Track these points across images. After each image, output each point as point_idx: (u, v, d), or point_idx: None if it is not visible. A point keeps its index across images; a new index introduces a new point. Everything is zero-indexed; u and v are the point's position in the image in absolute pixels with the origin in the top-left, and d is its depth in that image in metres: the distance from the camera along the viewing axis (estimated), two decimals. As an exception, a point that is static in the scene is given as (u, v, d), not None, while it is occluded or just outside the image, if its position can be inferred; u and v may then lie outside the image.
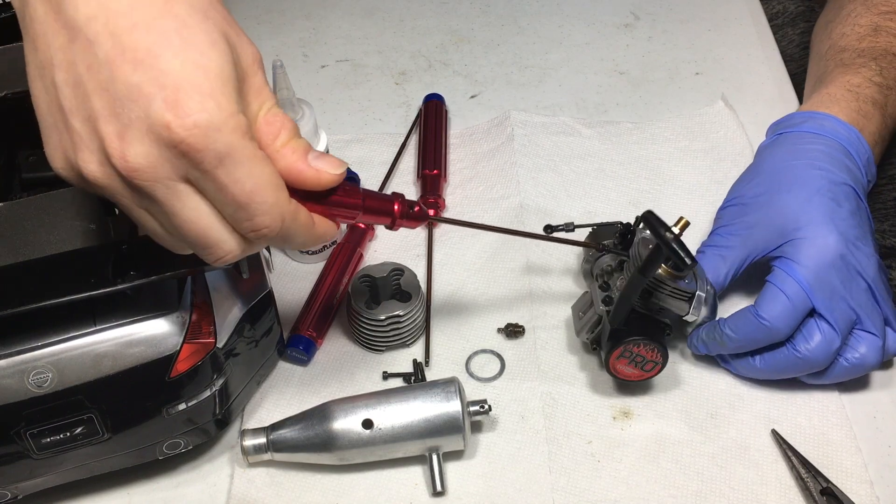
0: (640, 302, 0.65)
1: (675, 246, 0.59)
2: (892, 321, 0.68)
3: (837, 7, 0.89)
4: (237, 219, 0.47)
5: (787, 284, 0.66)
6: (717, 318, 0.69)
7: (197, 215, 0.46)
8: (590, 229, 0.74)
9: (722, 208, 0.75)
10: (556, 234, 0.72)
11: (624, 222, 0.71)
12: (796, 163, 0.72)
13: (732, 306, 0.72)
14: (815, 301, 0.65)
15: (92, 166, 0.45)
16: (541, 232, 0.74)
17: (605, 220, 0.74)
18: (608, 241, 0.71)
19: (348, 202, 0.54)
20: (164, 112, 0.43)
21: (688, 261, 0.59)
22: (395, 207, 0.58)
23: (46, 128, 0.46)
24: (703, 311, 0.67)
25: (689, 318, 0.66)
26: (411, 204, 0.59)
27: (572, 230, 0.72)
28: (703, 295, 0.66)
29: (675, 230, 0.68)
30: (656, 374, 0.68)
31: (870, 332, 0.66)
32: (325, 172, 0.50)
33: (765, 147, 0.77)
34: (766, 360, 0.68)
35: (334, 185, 0.51)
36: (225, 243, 0.48)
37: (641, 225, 0.65)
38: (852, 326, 0.66)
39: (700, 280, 0.66)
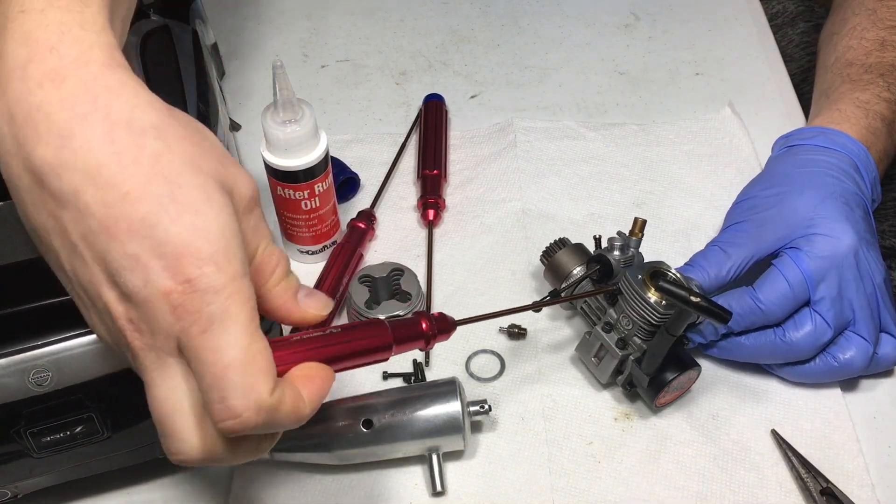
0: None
1: (709, 306, 0.58)
2: (892, 328, 0.68)
3: (842, 19, 0.89)
4: (209, 399, 0.42)
5: (791, 271, 0.66)
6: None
7: (169, 394, 0.43)
8: (566, 290, 0.73)
9: (732, 208, 0.75)
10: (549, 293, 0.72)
11: (596, 266, 0.69)
12: (809, 169, 0.73)
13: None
14: (813, 293, 0.66)
15: (98, 328, 0.45)
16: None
17: (607, 226, 0.73)
18: (587, 267, 0.71)
19: (380, 344, 0.52)
20: (164, 280, 0.41)
21: (725, 315, 0.59)
22: (424, 326, 0.55)
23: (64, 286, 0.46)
24: None
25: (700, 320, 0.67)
26: (437, 319, 0.56)
27: (558, 294, 0.72)
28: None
29: (636, 231, 0.68)
30: (693, 384, 0.69)
31: (861, 337, 0.66)
32: (312, 311, 0.49)
33: (776, 157, 0.78)
34: (751, 340, 0.68)
35: (320, 321, 0.50)
36: (185, 436, 0.44)
37: (641, 276, 0.64)
38: (846, 326, 0.67)
39: (690, 284, 0.66)
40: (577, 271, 0.72)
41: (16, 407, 0.55)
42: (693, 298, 0.59)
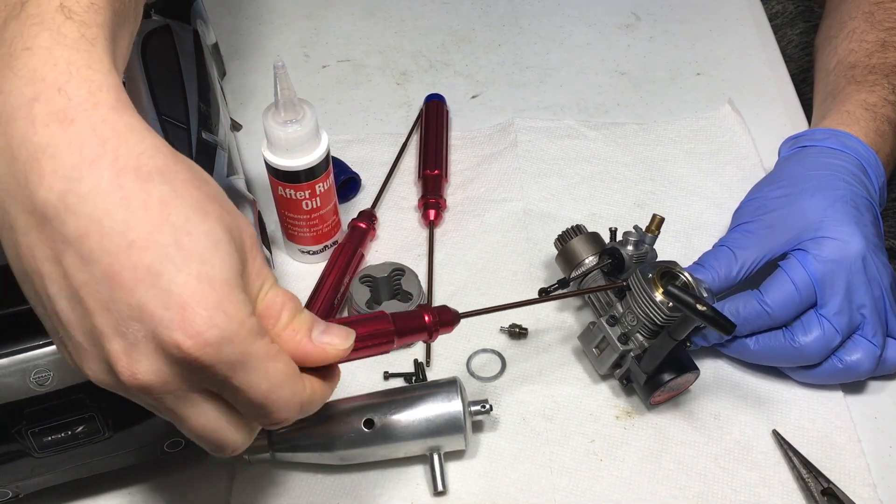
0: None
1: (714, 316, 0.58)
2: None
3: (839, 23, 0.89)
4: (255, 416, 0.46)
5: (798, 274, 0.66)
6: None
7: (206, 420, 0.45)
8: (578, 281, 0.73)
9: (741, 207, 0.75)
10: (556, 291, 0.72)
11: (608, 259, 0.69)
12: (820, 172, 0.72)
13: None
14: (820, 296, 0.66)
15: (99, 375, 0.44)
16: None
17: (607, 226, 0.73)
18: (599, 259, 0.71)
19: (380, 340, 0.53)
20: (173, 332, 0.40)
21: (729, 327, 0.59)
22: (427, 319, 0.55)
23: (47, 329, 0.45)
24: None
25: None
26: (440, 312, 0.56)
27: (567, 285, 0.72)
28: (706, 297, 0.65)
29: (652, 228, 0.68)
30: (691, 385, 0.69)
31: (868, 340, 0.66)
32: (329, 347, 0.48)
33: (786, 157, 0.77)
34: (760, 343, 0.68)
35: (340, 358, 0.49)
36: (234, 441, 0.47)
37: (650, 274, 0.64)
38: (854, 330, 0.66)
39: (700, 288, 0.66)
40: (590, 260, 0.72)
41: (17, 407, 0.55)
42: (700, 307, 0.58)
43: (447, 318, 0.56)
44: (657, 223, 0.69)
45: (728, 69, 0.99)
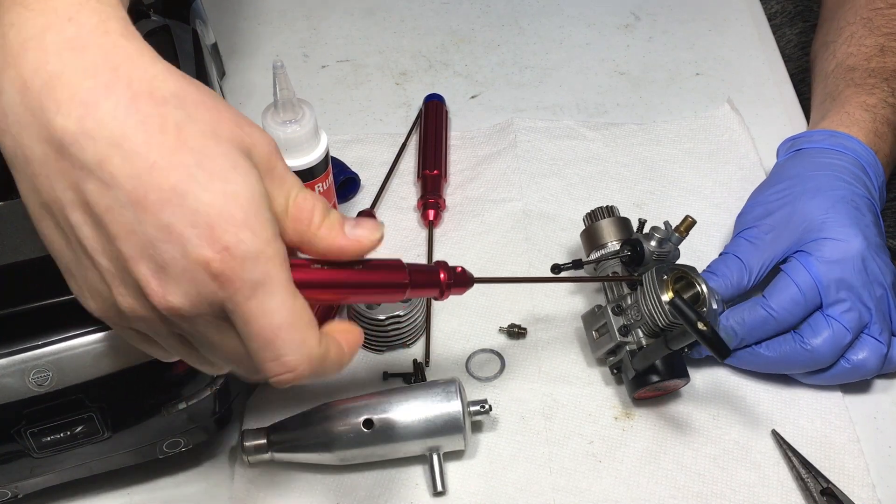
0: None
1: (712, 339, 0.58)
2: None
3: (836, 28, 0.89)
4: (261, 358, 0.44)
5: (800, 276, 0.66)
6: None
7: (236, 345, 0.45)
8: (594, 265, 0.72)
9: (743, 213, 0.75)
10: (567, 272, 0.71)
11: (626, 252, 0.69)
12: (820, 173, 0.72)
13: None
14: (825, 297, 0.66)
15: (128, 301, 0.44)
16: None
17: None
18: (614, 249, 0.71)
19: (395, 280, 0.53)
20: (202, 249, 0.41)
21: (724, 352, 0.58)
22: (442, 276, 0.55)
23: (67, 265, 0.45)
24: (720, 321, 0.67)
25: None
26: (454, 271, 0.56)
27: (581, 267, 0.71)
28: (717, 308, 0.65)
29: (681, 229, 0.68)
30: (679, 388, 0.69)
31: (874, 338, 0.66)
32: (365, 239, 0.49)
33: (787, 160, 0.77)
34: (772, 348, 0.67)
35: (374, 249, 0.50)
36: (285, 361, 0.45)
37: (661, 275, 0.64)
38: (862, 328, 0.67)
39: (712, 299, 0.65)
40: (612, 245, 0.71)
41: (16, 407, 0.55)
42: (700, 326, 0.58)
43: (462, 279, 0.56)
44: (686, 226, 0.68)
45: (727, 69, 0.99)
